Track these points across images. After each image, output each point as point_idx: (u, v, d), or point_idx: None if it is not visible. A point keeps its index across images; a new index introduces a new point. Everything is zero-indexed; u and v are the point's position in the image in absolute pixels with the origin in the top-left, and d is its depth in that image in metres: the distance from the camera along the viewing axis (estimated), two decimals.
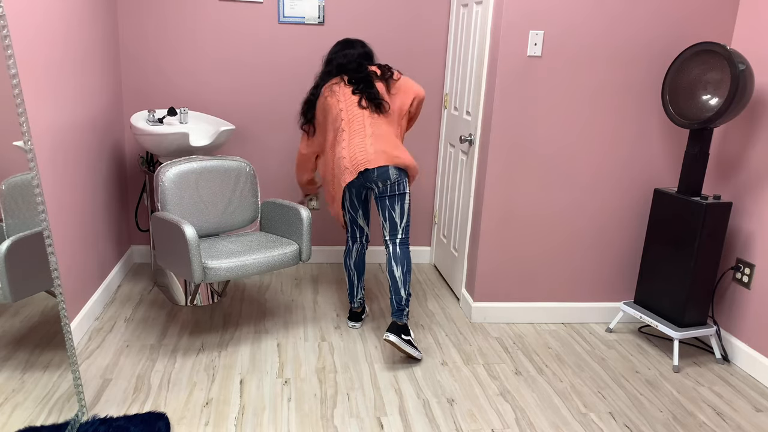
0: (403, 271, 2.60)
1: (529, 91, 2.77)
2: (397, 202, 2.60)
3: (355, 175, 2.53)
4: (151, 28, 3.30)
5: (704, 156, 2.66)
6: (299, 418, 2.18)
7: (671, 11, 2.75)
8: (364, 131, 2.56)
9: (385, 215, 2.63)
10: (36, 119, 2.21)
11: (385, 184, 2.57)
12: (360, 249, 2.83)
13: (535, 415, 2.27)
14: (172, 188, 2.70)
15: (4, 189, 1.71)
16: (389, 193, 2.59)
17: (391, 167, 2.55)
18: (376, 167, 2.53)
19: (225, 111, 3.49)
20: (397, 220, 2.62)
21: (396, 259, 2.61)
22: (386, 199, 2.61)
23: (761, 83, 2.66)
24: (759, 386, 2.58)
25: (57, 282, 1.93)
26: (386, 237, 2.65)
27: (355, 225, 2.79)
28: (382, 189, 2.59)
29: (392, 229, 2.63)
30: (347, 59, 2.68)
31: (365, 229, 2.81)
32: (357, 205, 2.75)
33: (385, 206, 2.62)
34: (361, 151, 2.53)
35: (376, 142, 2.55)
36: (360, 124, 2.57)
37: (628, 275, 3.10)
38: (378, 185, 2.58)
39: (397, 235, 2.63)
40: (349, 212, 2.76)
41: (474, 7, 3.05)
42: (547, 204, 2.93)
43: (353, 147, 2.55)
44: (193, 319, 2.92)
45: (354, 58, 2.68)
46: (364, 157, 2.52)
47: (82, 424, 2.05)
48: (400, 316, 2.58)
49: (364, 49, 2.74)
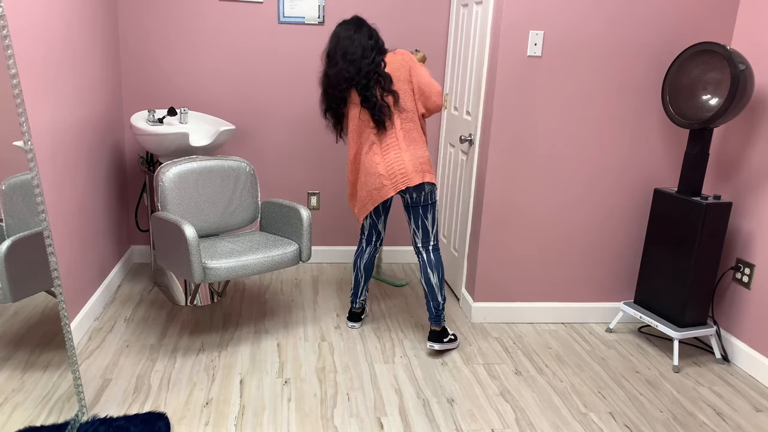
0: (438, 277, 2.63)
1: (529, 90, 2.77)
2: (429, 211, 2.61)
3: (395, 193, 2.51)
4: (151, 27, 3.30)
5: (704, 156, 2.66)
6: (299, 418, 2.18)
7: (671, 11, 2.75)
8: (399, 145, 2.52)
9: (417, 224, 2.62)
10: (36, 119, 2.21)
11: (419, 195, 2.57)
12: (372, 252, 2.81)
13: (535, 415, 2.27)
14: (172, 188, 2.70)
15: (4, 189, 1.71)
16: (422, 203, 2.59)
17: (427, 182, 2.55)
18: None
19: (225, 111, 3.49)
20: (429, 228, 2.62)
21: (432, 266, 2.63)
22: (419, 208, 2.60)
23: (761, 83, 2.66)
24: (759, 386, 2.58)
25: (57, 282, 1.93)
26: (419, 245, 2.65)
27: (373, 228, 2.77)
28: (416, 199, 2.58)
29: (425, 236, 2.63)
30: (351, 71, 2.48)
31: (382, 233, 2.80)
32: (381, 212, 2.75)
33: (417, 215, 2.61)
34: (400, 167, 2.50)
35: (411, 157, 2.51)
36: (393, 138, 2.52)
37: (628, 275, 3.09)
38: (412, 196, 2.57)
39: (430, 242, 2.64)
40: (372, 217, 2.75)
41: (474, 7, 3.05)
42: (547, 204, 2.93)
43: (389, 161, 2.51)
44: (193, 319, 2.92)
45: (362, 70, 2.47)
46: (403, 175, 2.49)
47: (82, 424, 2.05)
48: (438, 322, 2.65)
49: (370, 40, 2.50)
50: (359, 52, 2.47)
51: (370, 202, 2.59)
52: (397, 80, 2.50)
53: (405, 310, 3.14)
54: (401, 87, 2.51)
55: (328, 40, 2.70)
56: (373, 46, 2.50)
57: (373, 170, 2.53)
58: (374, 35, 2.52)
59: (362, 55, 2.47)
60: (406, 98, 2.52)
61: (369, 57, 2.47)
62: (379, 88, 2.48)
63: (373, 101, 2.47)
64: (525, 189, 2.90)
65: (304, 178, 3.66)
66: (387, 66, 2.51)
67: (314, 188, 3.69)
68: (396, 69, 2.51)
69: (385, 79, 2.48)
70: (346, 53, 2.47)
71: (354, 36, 2.49)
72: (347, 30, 2.51)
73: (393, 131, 2.52)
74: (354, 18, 2.56)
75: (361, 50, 2.47)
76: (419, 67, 2.55)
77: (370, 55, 2.47)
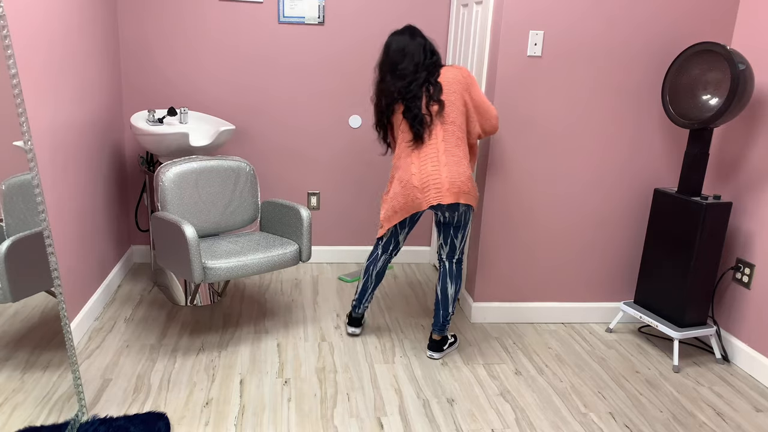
0: (455, 289, 2.58)
1: (529, 91, 2.77)
2: (460, 231, 2.53)
3: (426, 208, 2.41)
4: (151, 28, 3.30)
5: (704, 156, 2.66)
6: (299, 418, 2.18)
7: (671, 11, 2.75)
8: (437, 158, 2.39)
9: (447, 240, 2.55)
10: (36, 119, 2.21)
11: (452, 215, 2.47)
12: (387, 259, 2.69)
13: (535, 415, 2.27)
14: (172, 188, 2.70)
15: (4, 189, 1.71)
16: (455, 224, 2.51)
17: (462, 204, 2.43)
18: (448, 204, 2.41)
19: (225, 111, 3.49)
20: (458, 244, 2.55)
21: (452, 276, 2.57)
22: (451, 228, 2.53)
23: (761, 83, 2.66)
24: (759, 386, 2.58)
25: (57, 282, 1.93)
26: (443, 256, 2.59)
27: (394, 237, 2.65)
28: (448, 219, 2.50)
29: (451, 251, 2.57)
30: (398, 86, 2.41)
31: (400, 244, 2.68)
32: (408, 224, 2.63)
33: (448, 234, 2.54)
34: (436, 182, 2.37)
35: (450, 173, 2.38)
36: (434, 149, 2.40)
37: (628, 275, 3.09)
38: (445, 215, 2.48)
39: (455, 256, 2.58)
40: (396, 226, 2.62)
41: (474, 7, 3.05)
42: (547, 204, 2.93)
43: (425, 174, 2.39)
44: (193, 319, 2.92)
45: (411, 84, 2.39)
46: (437, 191, 2.37)
47: (82, 424, 2.05)
48: (441, 331, 2.61)
49: (424, 54, 2.41)
50: (410, 68, 2.39)
51: (398, 214, 2.49)
52: (447, 92, 2.40)
53: (405, 310, 3.14)
54: (450, 98, 2.40)
55: (381, 52, 2.62)
56: (425, 60, 2.41)
57: (407, 181, 2.42)
58: (428, 48, 2.43)
59: (414, 70, 2.39)
60: (455, 112, 2.41)
61: (421, 72, 2.39)
62: (426, 96, 2.38)
63: (414, 112, 2.38)
64: (525, 189, 2.90)
65: (304, 178, 3.66)
66: (440, 76, 2.42)
67: (314, 188, 3.69)
68: (449, 81, 2.41)
69: (435, 87, 2.38)
70: (395, 68, 2.42)
71: (406, 49, 2.41)
72: (398, 43, 2.43)
73: (434, 143, 2.40)
74: (407, 28, 2.46)
75: (413, 66, 2.39)
76: (476, 86, 2.48)
77: (421, 69, 2.39)
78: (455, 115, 2.42)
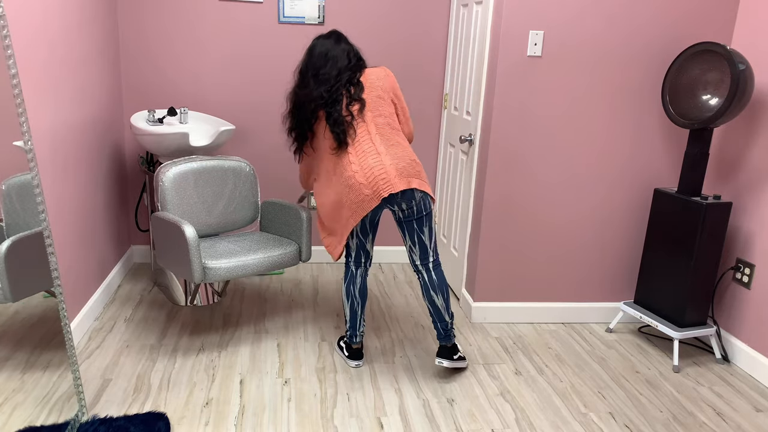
0: (444, 297, 2.41)
1: (529, 91, 2.77)
2: (425, 224, 2.35)
3: (378, 202, 2.23)
4: (151, 27, 3.30)
5: (704, 156, 2.66)
6: (299, 418, 2.18)
7: (671, 11, 2.75)
8: (376, 149, 2.26)
9: (414, 239, 2.37)
10: (36, 119, 2.21)
11: (409, 206, 2.30)
12: (364, 274, 2.50)
13: (535, 415, 2.27)
14: (172, 188, 2.70)
15: (4, 189, 1.71)
16: (416, 216, 2.33)
17: (416, 189, 2.27)
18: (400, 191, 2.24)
19: (225, 111, 3.49)
20: (427, 242, 2.37)
21: (435, 287, 2.40)
22: (413, 222, 2.34)
23: (761, 83, 2.66)
24: (759, 386, 2.58)
25: (57, 282, 1.93)
26: (417, 262, 2.40)
27: (361, 249, 2.46)
28: (407, 212, 2.32)
29: (423, 253, 2.39)
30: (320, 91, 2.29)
31: (370, 253, 2.50)
32: (369, 229, 2.44)
33: (412, 230, 2.36)
34: (381, 172, 2.22)
35: (393, 159, 2.25)
36: (369, 143, 2.28)
37: (628, 275, 3.09)
38: (402, 207, 2.30)
39: (429, 259, 2.40)
40: (358, 237, 2.44)
41: (474, 7, 3.05)
42: (547, 203, 2.93)
43: (368, 167, 2.24)
44: (193, 319, 2.92)
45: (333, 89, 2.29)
46: (385, 181, 2.21)
47: (82, 424, 2.05)
48: (448, 340, 2.47)
49: (348, 58, 2.32)
50: (333, 72, 2.29)
51: (352, 218, 2.30)
52: (371, 89, 2.31)
53: (405, 310, 3.14)
54: (376, 94, 2.31)
55: (303, 55, 2.51)
56: (349, 65, 2.31)
57: (352, 181, 2.25)
58: (352, 53, 2.34)
59: (336, 74, 2.29)
60: (384, 106, 2.32)
61: (343, 74, 2.29)
62: (347, 98, 2.27)
63: (334, 116, 2.26)
64: (525, 189, 2.90)
65: None
66: (363, 76, 2.32)
67: None
68: (374, 79, 2.33)
69: (356, 87, 2.28)
70: (317, 72, 2.30)
71: (329, 54, 2.31)
72: (322, 47, 2.33)
73: (368, 137, 2.27)
74: (332, 33, 2.38)
75: (336, 71, 2.29)
76: (400, 94, 2.41)
77: (344, 73, 2.29)
78: (385, 109, 2.32)
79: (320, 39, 2.37)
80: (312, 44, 2.37)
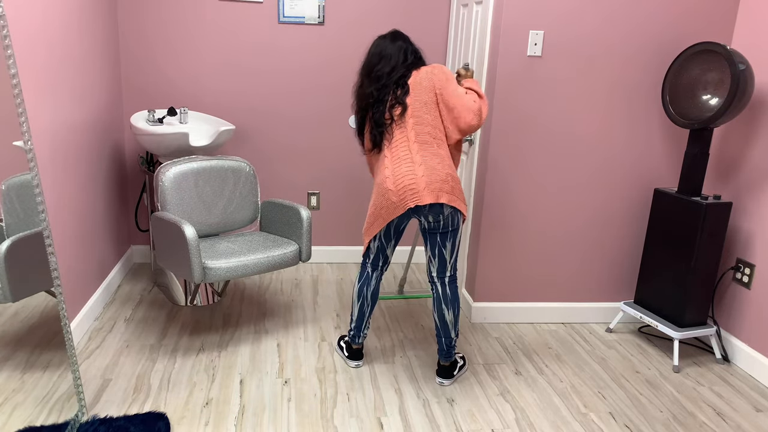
0: (454, 313, 2.37)
1: (529, 91, 2.77)
2: (448, 239, 2.30)
3: (403, 212, 2.23)
4: (151, 27, 3.30)
5: (704, 156, 2.66)
6: (299, 418, 2.18)
7: (671, 11, 2.75)
8: (411, 158, 2.23)
9: (434, 252, 2.33)
10: (36, 119, 2.21)
11: (436, 219, 2.26)
12: (379, 277, 2.48)
13: (535, 415, 2.27)
14: (172, 188, 2.70)
15: (4, 189, 1.71)
16: (441, 230, 2.28)
17: (446, 204, 2.23)
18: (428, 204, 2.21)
19: (225, 111, 3.49)
20: (447, 257, 2.33)
21: (447, 301, 2.36)
22: (437, 235, 2.30)
23: (761, 83, 2.66)
24: (759, 386, 2.58)
25: (57, 282, 1.93)
26: (433, 274, 2.37)
27: (381, 252, 2.44)
28: (433, 225, 2.28)
29: (441, 266, 2.34)
30: (372, 89, 2.30)
31: (389, 259, 2.47)
32: (393, 235, 2.41)
33: (435, 242, 2.31)
34: (411, 182, 2.20)
35: (427, 172, 2.20)
36: (406, 149, 2.25)
37: (628, 275, 3.09)
38: (428, 219, 2.27)
39: (446, 273, 2.35)
40: (380, 240, 2.41)
41: (474, 7, 3.05)
42: (547, 204, 2.93)
43: (399, 175, 2.22)
44: (193, 319, 2.92)
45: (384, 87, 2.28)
46: (413, 192, 2.19)
47: (82, 424, 2.05)
48: (448, 357, 2.43)
49: (404, 56, 2.31)
50: (386, 69, 2.28)
51: (377, 222, 2.32)
52: (417, 92, 2.26)
53: (405, 310, 3.14)
54: (422, 98, 2.26)
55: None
56: (404, 62, 2.29)
57: (382, 186, 2.26)
58: (410, 51, 2.32)
59: (389, 71, 2.27)
60: (427, 110, 2.26)
61: (396, 72, 2.27)
62: (392, 99, 2.26)
63: (376, 117, 2.27)
64: (525, 189, 2.90)
65: (304, 178, 3.66)
66: (411, 78, 2.28)
67: (314, 188, 3.69)
68: (420, 80, 2.27)
69: (402, 89, 2.26)
70: (372, 70, 2.31)
71: (384, 52, 2.30)
72: (377, 46, 2.33)
73: (406, 143, 2.24)
74: (391, 31, 2.38)
75: (389, 68, 2.28)
76: (451, 83, 2.27)
77: (398, 71, 2.27)
78: (429, 118, 2.27)
79: (378, 38, 2.38)
80: (371, 45, 2.40)
